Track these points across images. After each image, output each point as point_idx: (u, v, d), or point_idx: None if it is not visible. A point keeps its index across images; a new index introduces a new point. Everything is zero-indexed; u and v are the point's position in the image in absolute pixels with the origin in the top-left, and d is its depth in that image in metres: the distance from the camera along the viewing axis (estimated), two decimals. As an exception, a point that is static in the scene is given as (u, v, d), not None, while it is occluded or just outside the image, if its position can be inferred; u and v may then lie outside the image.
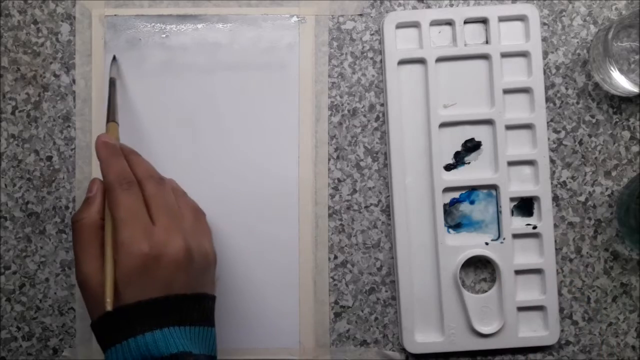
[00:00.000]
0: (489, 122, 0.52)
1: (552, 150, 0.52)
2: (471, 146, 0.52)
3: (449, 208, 0.52)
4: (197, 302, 0.41)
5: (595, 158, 0.52)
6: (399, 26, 0.52)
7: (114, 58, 0.52)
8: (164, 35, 0.53)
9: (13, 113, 0.52)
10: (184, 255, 0.40)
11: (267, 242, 0.52)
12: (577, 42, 0.53)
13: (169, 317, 0.39)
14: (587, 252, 0.52)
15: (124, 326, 0.39)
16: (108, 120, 0.47)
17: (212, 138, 0.52)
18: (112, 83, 0.50)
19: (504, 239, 0.51)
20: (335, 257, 0.52)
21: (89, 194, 0.43)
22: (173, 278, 0.40)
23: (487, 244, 0.51)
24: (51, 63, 0.52)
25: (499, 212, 0.51)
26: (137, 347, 0.38)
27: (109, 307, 0.39)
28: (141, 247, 0.39)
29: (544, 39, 0.52)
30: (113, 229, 0.41)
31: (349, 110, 0.53)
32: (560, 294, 0.52)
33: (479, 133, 0.52)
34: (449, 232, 0.52)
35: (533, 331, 0.51)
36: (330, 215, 0.52)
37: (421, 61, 0.52)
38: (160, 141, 0.52)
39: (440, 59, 0.52)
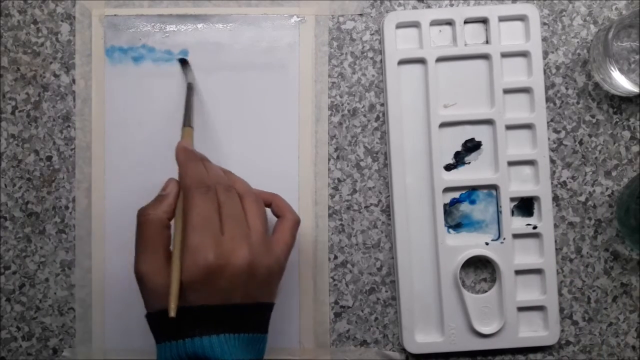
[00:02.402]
0: (489, 122, 0.52)
1: (552, 150, 0.52)
2: (471, 146, 0.52)
3: (449, 208, 0.52)
4: (255, 312, 0.42)
5: (596, 158, 0.52)
6: (399, 26, 0.52)
7: (187, 62, 0.52)
8: (164, 35, 0.52)
9: (13, 113, 0.52)
10: (247, 268, 0.40)
11: (267, 242, 0.52)
12: (577, 42, 0.53)
13: (227, 324, 0.40)
14: (587, 252, 0.52)
15: (184, 326, 0.40)
16: (184, 125, 0.48)
17: (212, 138, 0.52)
18: (189, 88, 0.50)
19: (504, 239, 0.51)
20: (335, 257, 0.52)
21: (162, 192, 0.44)
22: (234, 288, 0.40)
23: (487, 244, 0.51)
24: (51, 63, 0.52)
25: (499, 212, 0.51)
26: (194, 348, 0.39)
27: (172, 313, 0.39)
28: (208, 255, 0.39)
29: (544, 39, 0.52)
30: (183, 232, 0.41)
31: (349, 110, 0.53)
32: (560, 294, 0.52)
33: (479, 133, 0.52)
34: (449, 232, 0.52)
35: (533, 331, 0.51)
36: (330, 215, 0.52)
37: (421, 61, 0.52)
38: (160, 141, 0.52)
39: (440, 59, 0.52)
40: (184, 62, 0.52)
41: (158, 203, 0.43)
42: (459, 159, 0.52)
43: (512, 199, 0.51)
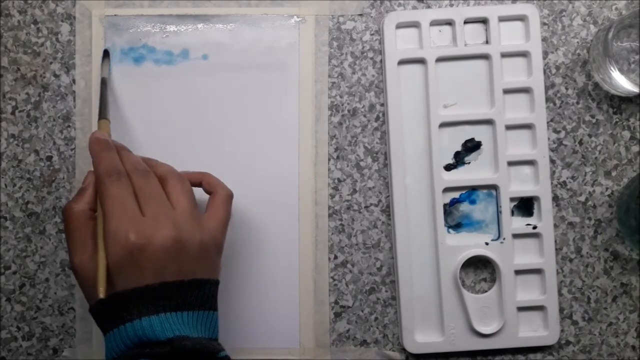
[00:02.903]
0: (489, 122, 0.52)
1: (552, 150, 0.52)
2: (471, 146, 0.52)
3: (449, 208, 0.52)
4: (194, 288, 0.41)
5: (595, 158, 0.52)
6: (399, 26, 0.52)
7: (106, 55, 0.52)
8: (164, 36, 0.53)
9: (13, 113, 0.52)
10: (172, 244, 0.41)
11: (267, 242, 0.52)
12: (577, 42, 0.53)
13: (164, 302, 0.40)
14: (587, 252, 0.52)
15: (120, 311, 0.40)
16: (100, 118, 0.48)
17: (212, 138, 0.52)
18: (103, 82, 0.51)
19: (504, 239, 0.51)
20: (335, 257, 0.52)
21: (82, 185, 0.45)
22: (163, 266, 0.40)
23: (487, 244, 0.51)
24: (51, 63, 0.52)
25: (499, 212, 0.51)
26: (134, 331, 0.39)
27: (101, 295, 0.40)
28: (128, 236, 0.40)
29: (544, 39, 0.52)
30: (103, 220, 0.42)
31: (349, 110, 0.53)
32: (560, 294, 0.52)
33: (479, 133, 0.52)
34: (449, 232, 0.52)
35: (533, 331, 0.51)
36: (330, 215, 0.52)
37: (421, 61, 0.52)
38: (160, 141, 0.52)
39: (440, 59, 0.52)
40: (105, 54, 0.52)
41: (79, 196, 0.44)
42: (459, 159, 0.52)
43: (512, 199, 0.51)
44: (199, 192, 0.47)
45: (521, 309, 0.51)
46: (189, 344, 0.39)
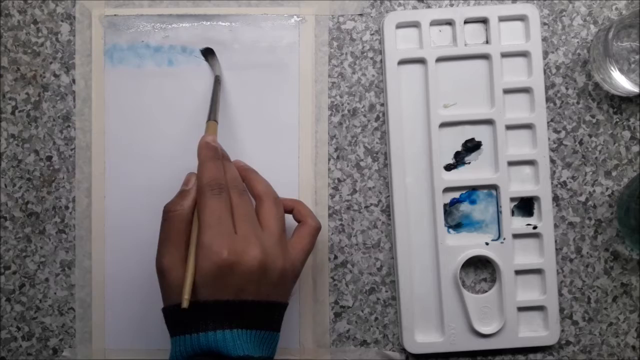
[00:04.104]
0: (489, 122, 0.52)
1: (552, 150, 0.52)
2: (471, 146, 0.52)
3: (449, 208, 0.52)
4: (267, 310, 0.43)
5: (596, 158, 0.52)
6: (399, 26, 0.52)
7: (213, 53, 0.52)
8: (164, 35, 0.52)
9: (13, 113, 0.52)
10: (258, 266, 0.41)
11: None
12: (578, 42, 0.53)
13: (239, 319, 0.41)
14: (587, 252, 0.52)
15: (197, 320, 0.41)
16: (209, 119, 0.48)
17: (212, 138, 0.52)
18: (217, 81, 0.50)
19: (504, 239, 0.51)
20: (335, 257, 0.52)
21: (184, 187, 0.45)
22: (245, 285, 0.41)
23: (487, 244, 0.51)
24: (51, 63, 0.52)
25: (499, 212, 0.51)
26: (207, 342, 0.40)
27: (185, 305, 0.40)
28: (220, 252, 0.41)
29: (544, 39, 0.52)
30: (198, 230, 0.42)
31: (349, 110, 0.53)
32: (560, 294, 0.52)
33: (479, 133, 0.52)
34: (449, 232, 0.52)
35: (533, 331, 0.51)
36: (330, 215, 0.52)
37: (421, 61, 0.52)
38: (160, 141, 0.52)
39: (440, 59, 0.52)
40: (209, 53, 0.52)
41: (182, 199, 0.44)
42: (459, 159, 0.52)
43: (512, 199, 0.51)
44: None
45: (521, 309, 0.51)
46: None
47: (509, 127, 0.51)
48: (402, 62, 0.52)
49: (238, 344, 0.40)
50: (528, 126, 0.52)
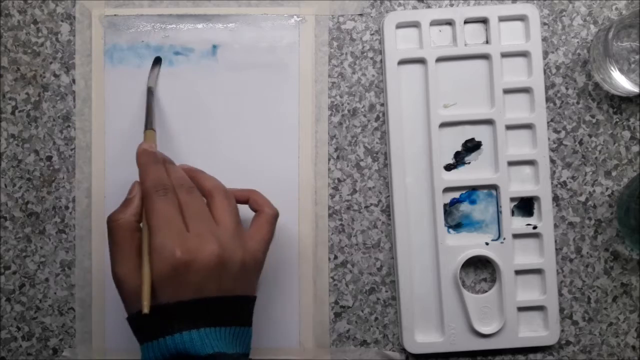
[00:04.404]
0: (489, 122, 0.52)
1: (552, 150, 0.52)
2: (471, 146, 0.52)
3: (449, 208, 0.52)
4: (233, 305, 0.42)
5: (596, 158, 0.52)
6: (399, 26, 0.52)
7: (157, 63, 0.52)
8: (164, 35, 0.52)
9: (13, 113, 0.52)
10: (215, 261, 0.41)
11: (267, 242, 0.52)
12: (578, 42, 0.53)
13: (204, 318, 0.41)
14: (587, 252, 0.52)
15: (161, 324, 0.41)
16: (146, 128, 0.48)
17: (212, 138, 0.52)
18: (149, 92, 0.50)
19: (504, 239, 0.51)
20: (335, 257, 0.52)
21: (128, 195, 0.44)
22: (205, 282, 0.41)
23: (487, 244, 0.51)
24: (51, 63, 0.52)
25: (499, 212, 0.51)
26: (175, 345, 0.40)
27: (145, 310, 0.40)
28: (173, 252, 0.40)
29: (544, 39, 0.52)
30: (149, 234, 0.42)
31: (349, 110, 0.53)
32: (560, 294, 0.52)
33: (479, 133, 0.52)
34: (449, 232, 0.52)
35: (533, 331, 0.51)
36: (330, 215, 0.52)
37: (421, 61, 0.52)
38: (160, 141, 0.52)
39: (440, 59, 0.52)
40: (156, 62, 0.52)
41: (125, 207, 0.44)
42: (459, 159, 0.52)
43: (512, 199, 0.51)
44: (243, 209, 0.47)
45: (521, 309, 0.51)
46: None
47: (509, 127, 0.51)
48: (402, 62, 0.52)
49: (207, 343, 0.40)
50: (528, 126, 0.52)
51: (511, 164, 0.51)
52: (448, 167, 0.52)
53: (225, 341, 0.41)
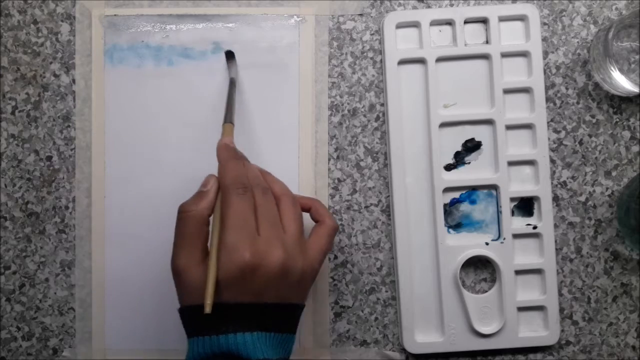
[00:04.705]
0: (489, 122, 0.52)
1: (552, 150, 0.52)
2: (471, 146, 0.52)
3: (449, 208, 0.52)
4: (286, 312, 0.42)
5: (596, 158, 0.52)
6: (399, 26, 0.52)
7: (233, 55, 0.51)
8: (164, 35, 0.52)
9: (13, 113, 0.52)
10: (279, 268, 0.41)
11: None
12: (578, 42, 0.53)
13: (260, 322, 0.41)
14: (587, 252, 0.52)
15: (217, 322, 0.40)
16: (225, 121, 0.47)
17: (212, 138, 0.52)
18: (232, 83, 0.50)
19: (504, 239, 0.51)
20: (335, 257, 0.52)
21: (202, 188, 0.44)
22: (266, 288, 0.41)
23: (487, 244, 0.51)
24: (51, 63, 0.52)
25: (499, 212, 0.51)
26: (227, 344, 0.40)
27: (207, 310, 0.40)
28: (243, 254, 0.40)
29: (544, 39, 0.52)
30: (220, 230, 0.41)
31: (349, 110, 0.53)
32: (560, 294, 0.52)
33: (479, 133, 0.52)
34: (449, 232, 0.52)
35: (533, 331, 0.51)
36: (330, 215, 0.52)
37: (421, 61, 0.52)
38: (160, 141, 0.52)
39: (440, 59, 0.52)
40: (229, 55, 0.51)
41: (199, 199, 0.43)
42: (459, 159, 0.52)
43: (512, 199, 0.51)
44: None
45: (521, 309, 0.51)
46: None
47: (509, 127, 0.51)
48: (402, 62, 0.52)
49: (258, 347, 0.40)
50: (528, 126, 0.52)
51: (511, 164, 0.51)
52: (448, 167, 0.52)
53: (273, 347, 0.41)
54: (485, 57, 0.52)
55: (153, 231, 0.52)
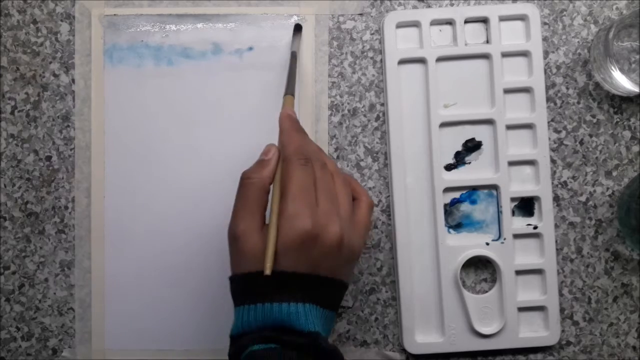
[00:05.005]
0: (489, 121, 0.52)
1: (552, 150, 0.52)
2: (472, 146, 0.52)
3: (450, 208, 0.52)
4: (336, 288, 0.42)
5: (596, 158, 0.52)
6: (400, 25, 0.52)
7: (298, 30, 0.51)
8: (164, 35, 0.52)
9: (12, 113, 0.52)
10: (336, 242, 0.41)
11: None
12: (578, 42, 0.53)
13: (313, 294, 0.41)
14: (588, 252, 0.52)
15: (272, 290, 0.40)
16: (286, 93, 0.47)
17: (212, 137, 0.52)
18: (293, 56, 0.50)
19: (504, 239, 0.51)
20: (336, 257, 0.52)
21: (264, 156, 0.44)
22: (323, 260, 0.41)
23: (487, 244, 0.51)
24: (50, 63, 0.52)
25: (499, 212, 0.51)
26: (280, 313, 0.40)
27: (268, 272, 0.39)
28: (305, 223, 0.40)
29: (544, 39, 0.52)
30: (281, 199, 0.41)
31: (349, 110, 0.53)
32: (560, 294, 0.52)
33: (479, 133, 0.52)
34: (449, 232, 0.52)
35: (534, 332, 0.51)
36: (330, 215, 0.52)
37: (421, 61, 0.52)
38: (160, 141, 0.52)
39: (440, 59, 0.51)
40: (297, 28, 0.51)
41: (261, 167, 0.43)
42: (460, 159, 0.52)
43: (512, 199, 0.51)
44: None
45: (522, 309, 0.51)
46: (324, 344, 0.40)
47: (509, 127, 0.51)
48: (402, 61, 0.52)
49: (310, 319, 0.40)
50: (528, 126, 0.52)
51: (512, 164, 0.51)
52: (448, 167, 0.52)
53: (321, 321, 0.41)
54: (485, 56, 0.52)
55: (152, 231, 0.52)
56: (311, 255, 0.40)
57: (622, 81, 0.49)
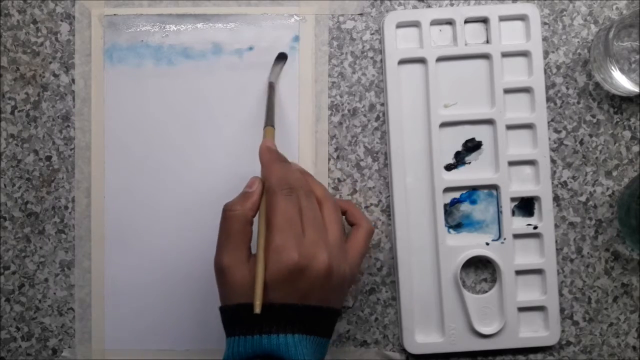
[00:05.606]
0: (489, 121, 0.52)
1: (552, 150, 0.52)
2: (472, 146, 0.52)
3: (450, 208, 0.52)
4: (327, 316, 0.42)
5: (596, 158, 0.52)
6: (400, 25, 0.52)
7: (281, 59, 0.52)
8: (164, 35, 0.52)
9: (12, 113, 0.52)
10: (325, 272, 0.41)
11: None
12: (578, 42, 0.53)
13: (302, 324, 0.41)
14: (588, 253, 0.52)
15: (261, 322, 0.40)
16: (266, 125, 0.47)
17: (212, 137, 0.52)
18: (271, 87, 0.50)
19: (504, 239, 0.51)
20: (336, 257, 0.52)
21: (247, 189, 0.44)
22: (311, 290, 0.41)
23: (487, 244, 0.51)
24: (50, 63, 0.52)
25: (499, 212, 0.51)
26: (270, 345, 0.40)
27: (257, 310, 0.39)
28: (291, 255, 0.40)
29: (544, 39, 0.52)
30: (267, 232, 0.41)
31: (349, 110, 0.53)
32: (561, 294, 0.52)
33: (479, 133, 0.52)
34: (449, 232, 0.52)
35: (534, 332, 0.51)
36: (330, 215, 0.52)
37: (421, 61, 0.52)
38: (160, 141, 0.52)
39: (440, 59, 0.51)
40: (281, 57, 0.52)
41: (244, 200, 0.43)
42: (460, 159, 0.52)
43: (512, 199, 0.51)
44: None
45: (522, 309, 0.51)
46: None
47: (509, 127, 0.51)
48: (402, 61, 0.52)
49: (299, 350, 0.40)
50: (528, 126, 0.52)
51: (512, 163, 0.51)
52: (448, 167, 0.52)
53: (312, 350, 0.41)
54: (485, 56, 0.52)
55: (152, 231, 0.52)
56: (300, 286, 0.40)
57: (622, 81, 0.49)
